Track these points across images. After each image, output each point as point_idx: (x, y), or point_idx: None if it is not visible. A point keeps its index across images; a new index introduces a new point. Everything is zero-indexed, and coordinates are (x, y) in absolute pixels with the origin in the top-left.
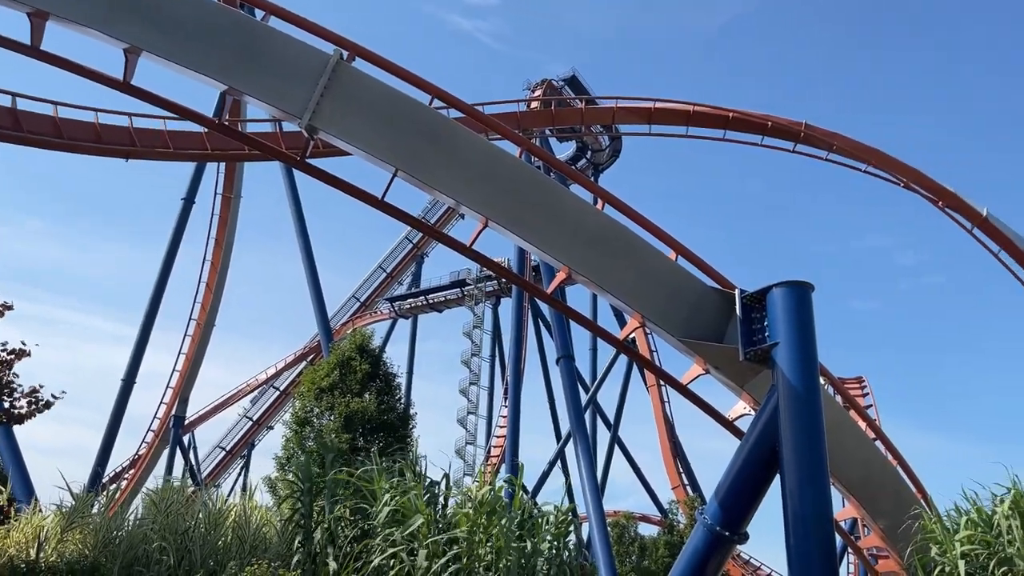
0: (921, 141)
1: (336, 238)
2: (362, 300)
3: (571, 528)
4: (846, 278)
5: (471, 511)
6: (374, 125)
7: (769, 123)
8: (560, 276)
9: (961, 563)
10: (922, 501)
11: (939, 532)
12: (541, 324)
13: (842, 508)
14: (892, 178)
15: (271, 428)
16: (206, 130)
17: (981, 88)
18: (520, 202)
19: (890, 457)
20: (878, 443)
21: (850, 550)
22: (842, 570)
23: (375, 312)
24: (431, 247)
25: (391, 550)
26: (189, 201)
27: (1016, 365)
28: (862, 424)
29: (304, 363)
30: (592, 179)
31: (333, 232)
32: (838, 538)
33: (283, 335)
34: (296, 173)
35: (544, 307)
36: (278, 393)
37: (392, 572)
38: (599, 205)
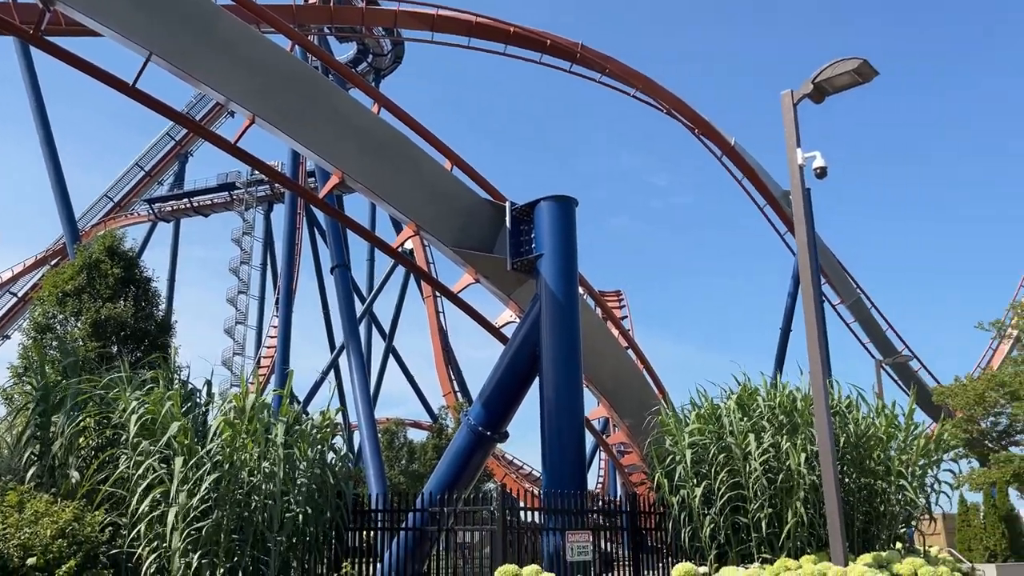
0: (683, 70)
1: (85, 129)
2: (116, 200)
3: (337, 434)
4: (608, 196)
5: (232, 418)
6: (125, 2)
7: (548, 41)
8: (333, 180)
9: (688, 452)
10: (662, 401)
11: (672, 425)
12: (316, 232)
13: (595, 408)
14: (656, 104)
15: (8, 337)
16: None
17: (746, 24)
18: (291, 99)
19: (639, 364)
20: (630, 351)
21: (600, 448)
22: (594, 466)
23: (131, 214)
24: (197, 145)
25: (144, 460)
26: None
27: (754, 284)
28: (616, 333)
29: (46, 267)
30: (373, 84)
31: (81, 122)
32: (589, 436)
33: (21, 236)
34: (36, 52)
35: (320, 214)
36: (16, 299)
37: (144, 482)
38: (376, 110)
